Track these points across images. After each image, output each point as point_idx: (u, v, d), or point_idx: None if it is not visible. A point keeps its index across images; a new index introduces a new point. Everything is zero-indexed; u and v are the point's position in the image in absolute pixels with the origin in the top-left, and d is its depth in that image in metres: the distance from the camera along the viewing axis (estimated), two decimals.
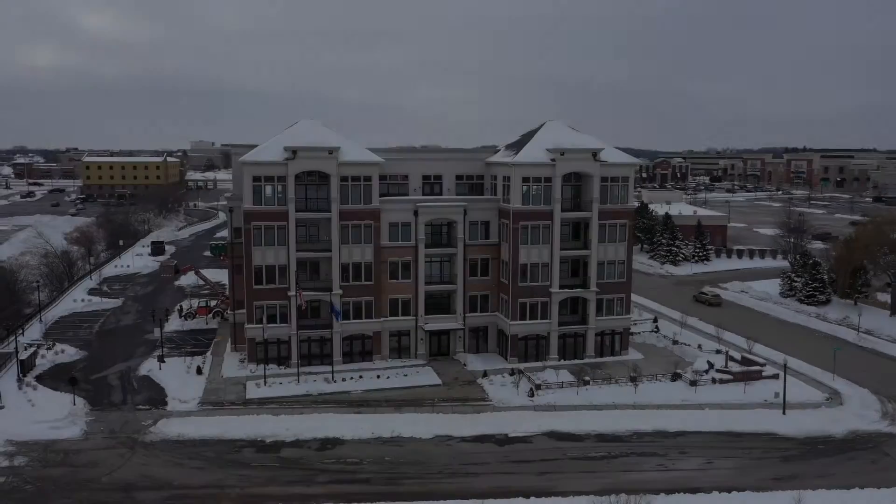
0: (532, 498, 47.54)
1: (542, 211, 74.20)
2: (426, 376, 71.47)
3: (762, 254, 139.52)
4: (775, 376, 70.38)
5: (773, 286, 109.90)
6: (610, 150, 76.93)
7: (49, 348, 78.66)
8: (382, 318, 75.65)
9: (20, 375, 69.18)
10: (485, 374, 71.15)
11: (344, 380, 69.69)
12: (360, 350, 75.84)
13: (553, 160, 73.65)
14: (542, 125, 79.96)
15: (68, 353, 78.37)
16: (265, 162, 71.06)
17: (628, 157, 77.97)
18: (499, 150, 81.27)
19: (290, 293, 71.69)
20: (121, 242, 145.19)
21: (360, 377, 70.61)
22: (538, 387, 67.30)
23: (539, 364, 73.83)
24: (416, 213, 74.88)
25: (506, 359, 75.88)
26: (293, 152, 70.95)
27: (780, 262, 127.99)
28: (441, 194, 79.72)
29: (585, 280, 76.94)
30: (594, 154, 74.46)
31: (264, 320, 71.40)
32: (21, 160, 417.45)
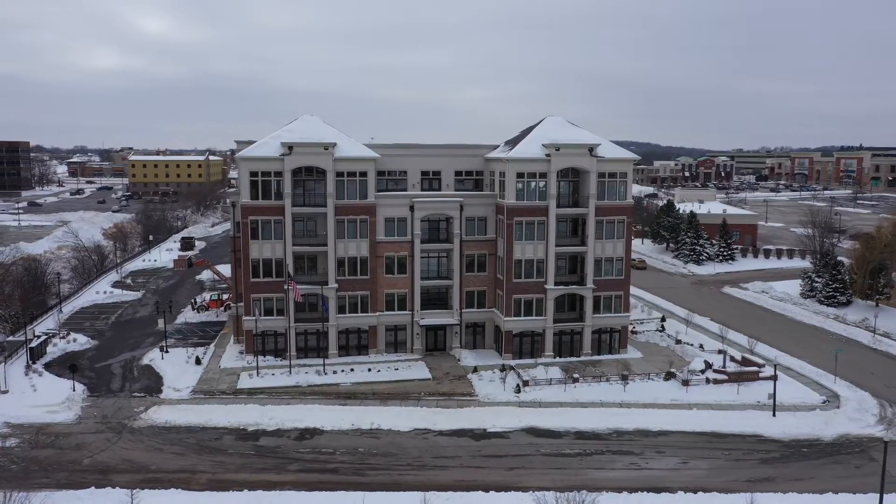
0: (492, 492, 47.48)
1: (536, 207, 73.75)
2: (417, 371, 71.85)
3: (790, 254, 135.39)
4: (773, 377, 68.41)
5: (794, 287, 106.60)
6: (608, 145, 75.98)
7: (62, 337, 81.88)
8: (378, 313, 76.35)
9: (29, 362, 72.24)
10: (475, 370, 71.14)
11: (335, 372, 70.66)
12: (357, 344, 76.74)
13: (548, 155, 73.13)
14: (541, 120, 79.49)
15: (80, 341, 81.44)
16: (262, 157, 72.50)
17: (626, 152, 76.82)
18: (498, 146, 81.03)
19: (285, 286, 73.01)
20: (150, 238, 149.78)
21: (352, 370, 71.43)
22: (525, 383, 66.96)
23: (531, 361, 73.42)
24: (411, 209, 75.31)
25: (501, 355, 75.71)
26: (289, 148, 72.23)
27: (808, 263, 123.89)
28: (440, 190, 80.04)
29: (583, 277, 76.14)
30: (590, 149, 73.63)
31: (257, 313, 72.92)
32: (76, 159, 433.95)
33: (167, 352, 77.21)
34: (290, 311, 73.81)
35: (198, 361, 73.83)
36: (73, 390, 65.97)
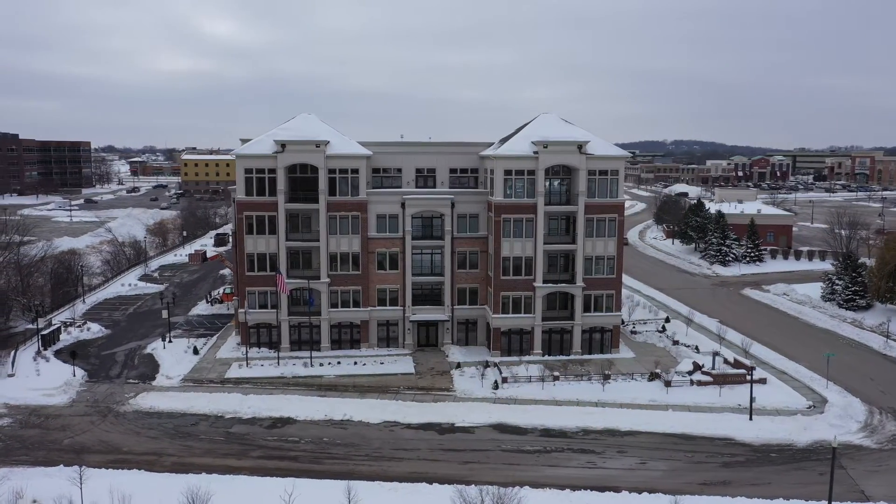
0: (435, 484, 47.95)
1: (524, 204, 73.63)
2: (402, 365, 72.77)
3: (822, 255, 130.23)
4: (762, 380, 66.62)
5: (817, 289, 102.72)
6: (600, 142, 75.08)
7: (78, 326, 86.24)
8: (370, 308, 77.60)
9: (40, 348, 76.45)
10: (458, 366, 71.56)
11: (321, 365, 72.26)
12: (349, 338, 78.16)
13: (536, 153, 72.92)
14: (535, 118, 79.27)
15: (93, 330, 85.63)
16: (256, 155, 74.75)
17: (617, 149, 75.77)
18: (493, 144, 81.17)
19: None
20: (184, 234, 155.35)
21: (339, 363, 72.90)
22: (504, 380, 67.03)
23: (515, 359, 73.38)
24: (403, 206, 76.28)
25: (490, 352, 75.86)
26: (282, 145, 74.24)
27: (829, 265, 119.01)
28: (435, 187, 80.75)
29: (574, 275, 75.55)
30: (579, 146, 73.01)
31: (246, 305, 75.28)
32: (138, 159, 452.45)
33: (171, 342, 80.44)
34: (283, 304, 75.84)
35: (195, 351, 76.66)
36: (74, 375, 69.60)
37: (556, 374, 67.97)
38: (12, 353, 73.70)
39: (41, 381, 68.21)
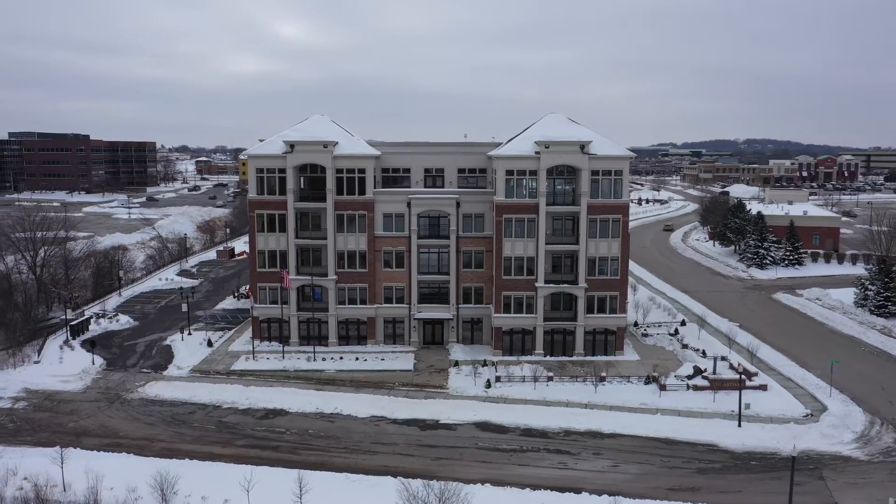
0: (399, 477, 48.65)
1: (525, 204, 73.66)
2: (401, 362, 73.94)
3: (867, 259, 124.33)
4: (763, 386, 64.82)
5: (852, 295, 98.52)
6: (604, 142, 74.35)
7: (109, 318, 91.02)
8: (376, 305, 79.11)
9: (68, 337, 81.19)
10: (455, 364, 72.23)
11: (324, 359, 74.18)
12: (356, 334, 79.91)
13: (538, 153, 72.84)
14: (541, 118, 79.11)
15: (121, 322, 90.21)
16: (266, 155, 77.30)
17: (621, 149, 74.79)
18: (502, 143, 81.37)
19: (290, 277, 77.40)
20: (227, 231, 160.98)
21: (341, 358, 74.67)
22: (498, 379, 67.36)
23: (513, 358, 73.48)
24: (408, 205, 77.47)
25: (493, 351, 76.22)
26: (291, 146, 76.55)
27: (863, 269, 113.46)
28: (443, 187, 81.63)
29: (577, 276, 75.10)
30: (581, 146, 72.53)
31: (255, 301, 77.89)
32: (203, 158, 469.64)
33: (189, 334, 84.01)
34: (292, 300, 78.18)
35: (210, 344, 79.89)
36: (93, 364, 73.72)
37: (551, 374, 67.84)
38: (41, 341, 78.60)
39: (62, 368, 72.50)
